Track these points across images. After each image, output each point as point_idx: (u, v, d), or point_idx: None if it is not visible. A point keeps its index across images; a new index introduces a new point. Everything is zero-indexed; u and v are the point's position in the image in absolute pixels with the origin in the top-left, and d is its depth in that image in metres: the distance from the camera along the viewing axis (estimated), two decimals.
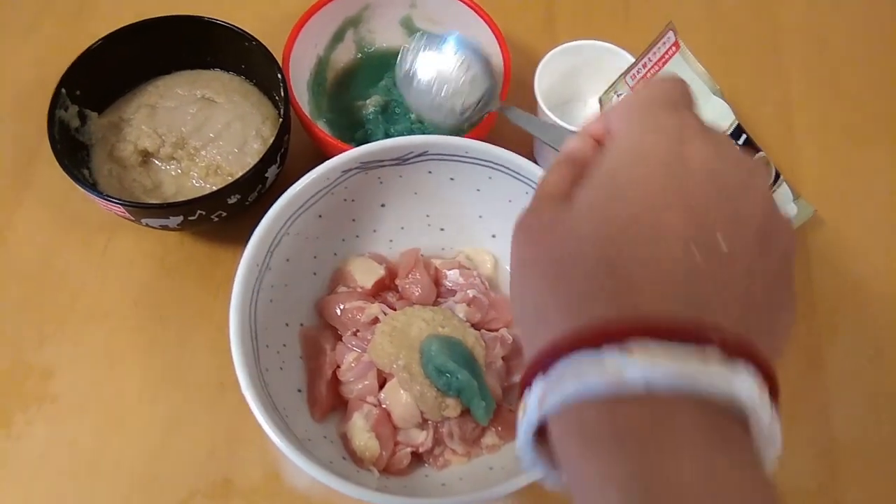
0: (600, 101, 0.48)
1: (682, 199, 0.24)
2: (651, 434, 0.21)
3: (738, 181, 0.25)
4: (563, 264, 0.24)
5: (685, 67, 0.51)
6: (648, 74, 0.51)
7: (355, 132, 0.53)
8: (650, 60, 0.51)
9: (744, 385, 0.21)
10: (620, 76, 0.48)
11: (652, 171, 0.24)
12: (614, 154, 0.25)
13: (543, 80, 0.51)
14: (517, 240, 0.26)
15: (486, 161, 0.45)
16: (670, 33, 0.51)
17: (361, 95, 0.55)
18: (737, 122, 0.51)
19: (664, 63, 0.51)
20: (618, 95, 0.48)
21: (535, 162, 0.45)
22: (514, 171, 0.45)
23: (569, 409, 0.22)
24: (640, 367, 0.21)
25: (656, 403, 0.21)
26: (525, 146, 0.54)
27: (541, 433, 0.23)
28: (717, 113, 0.51)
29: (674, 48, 0.51)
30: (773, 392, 0.22)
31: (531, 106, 0.51)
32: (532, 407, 0.23)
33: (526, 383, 0.23)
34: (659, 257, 0.23)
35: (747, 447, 0.21)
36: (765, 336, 0.23)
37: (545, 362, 0.22)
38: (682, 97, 0.27)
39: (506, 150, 0.44)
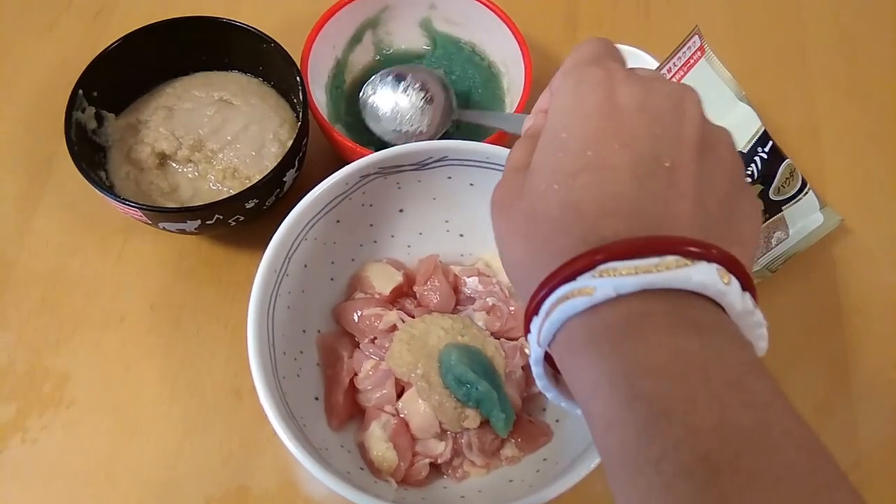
0: None
1: (619, 136, 0.26)
2: (624, 331, 0.23)
3: (668, 109, 0.27)
4: (532, 222, 0.27)
5: (710, 72, 0.50)
6: (674, 79, 0.50)
7: (373, 135, 0.53)
8: (675, 65, 0.50)
9: (701, 275, 0.23)
10: None
11: (588, 119, 0.27)
12: (554, 114, 0.28)
13: None
14: (493, 215, 0.30)
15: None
16: (695, 37, 0.50)
17: None
18: (763, 129, 0.50)
19: (689, 68, 0.50)
20: None
21: None
22: None
23: (560, 333, 0.25)
24: (608, 282, 0.24)
25: (625, 306, 0.24)
26: None
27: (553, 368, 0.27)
28: (742, 119, 0.50)
29: (699, 53, 0.50)
30: (747, 285, 0.24)
31: None
32: (533, 343, 0.27)
33: (526, 330, 0.27)
34: (609, 190, 0.26)
35: (723, 330, 0.24)
36: (728, 245, 0.25)
37: (535, 305, 0.26)
38: (605, 52, 0.30)
39: None
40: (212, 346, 0.48)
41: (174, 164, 0.50)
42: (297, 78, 0.48)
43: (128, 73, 0.50)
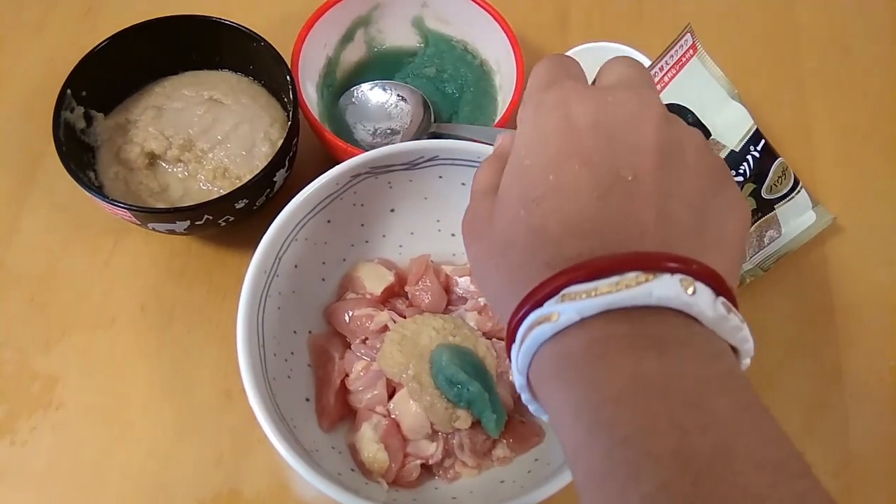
0: None
1: (578, 155, 0.26)
2: (586, 357, 0.23)
3: (626, 119, 0.26)
4: (502, 248, 0.27)
5: (703, 71, 0.50)
6: (666, 78, 0.50)
7: None
8: (667, 63, 0.50)
9: (662, 289, 0.23)
10: None
11: (547, 142, 0.27)
12: (517, 140, 0.28)
13: None
14: (466, 241, 0.31)
15: None
16: (688, 35, 0.50)
17: None
18: (755, 127, 0.49)
19: (681, 66, 0.50)
20: None
21: None
22: None
23: (534, 360, 0.25)
24: (570, 306, 0.23)
25: (589, 329, 0.23)
26: None
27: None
28: (734, 117, 0.50)
29: (691, 51, 0.50)
30: (720, 290, 0.24)
31: None
32: (514, 370, 0.26)
33: (508, 357, 0.27)
34: (571, 211, 0.25)
35: (689, 345, 0.23)
36: (701, 251, 0.24)
37: (511, 332, 0.26)
38: (559, 71, 0.29)
39: None
40: (202, 347, 0.48)
41: (164, 164, 0.50)
42: (288, 77, 0.47)
43: (117, 73, 0.50)
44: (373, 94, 0.53)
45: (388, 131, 0.53)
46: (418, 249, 0.48)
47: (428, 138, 0.48)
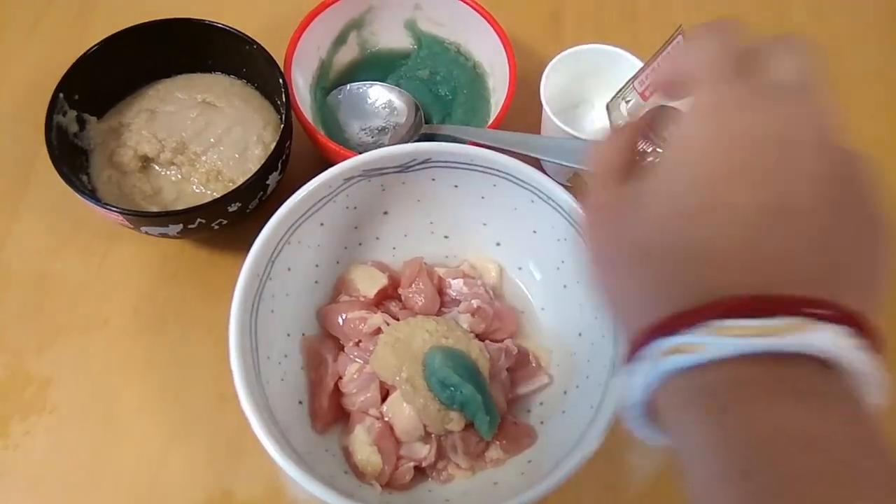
0: (608, 107, 0.47)
1: (748, 173, 0.24)
2: (730, 398, 0.23)
3: (802, 141, 0.25)
4: (644, 254, 0.26)
5: None
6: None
7: None
8: (659, 65, 0.50)
9: (822, 340, 0.22)
10: (629, 82, 0.47)
11: (713, 151, 0.25)
12: (678, 136, 0.26)
13: (549, 85, 0.50)
14: (591, 227, 0.29)
15: (490, 169, 0.44)
16: (680, 37, 0.50)
17: None
18: None
19: None
20: (626, 102, 0.47)
21: (541, 169, 0.44)
22: (518, 179, 0.44)
23: (664, 385, 0.24)
24: (724, 341, 0.22)
25: (734, 367, 0.22)
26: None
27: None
28: None
29: None
30: (873, 340, 0.22)
31: (536, 111, 0.51)
32: (634, 387, 0.25)
33: (627, 367, 0.26)
34: (732, 235, 0.24)
35: (841, 400, 0.22)
36: (859, 289, 0.23)
37: (640, 350, 0.25)
38: (731, 63, 0.27)
39: (510, 158, 0.44)
40: (196, 350, 0.48)
41: (157, 167, 0.50)
42: (280, 80, 0.47)
43: (109, 76, 0.50)
44: (362, 93, 0.53)
45: (378, 130, 0.53)
46: (412, 252, 0.48)
47: (419, 140, 0.48)
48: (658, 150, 0.30)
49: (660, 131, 0.30)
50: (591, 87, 0.53)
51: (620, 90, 0.47)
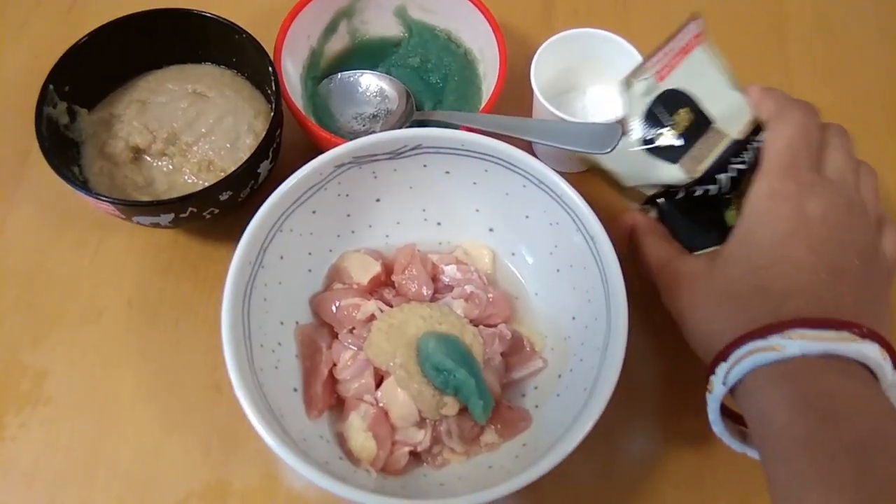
0: (623, 83, 0.46)
1: (806, 240, 0.36)
2: (800, 375, 0.33)
3: (846, 222, 0.36)
4: (726, 299, 0.37)
5: (706, 61, 0.49)
6: (673, 62, 0.49)
7: None
8: (671, 49, 0.49)
9: (869, 350, 0.33)
10: (643, 62, 0.45)
11: (778, 224, 0.36)
12: (750, 216, 0.38)
13: (540, 70, 0.50)
14: (679, 288, 0.40)
15: (481, 154, 0.44)
16: (695, 23, 0.49)
17: None
18: (754, 117, 0.49)
19: (686, 52, 0.49)
20: (642, 80, 0.46)
21: (533, 154, 0.44)
22: (510, 164, 0.44)
23: (748, 377, 0.34)
24: (796, 342, 0.33)
25: (807, 363, 0.33)
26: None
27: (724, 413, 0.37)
28: (734, 107, 0.49)
29: (695, 40, 0.49)
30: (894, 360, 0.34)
31: (528, 98, 0.50)
32: (717, 384, 0.35)
33: (710, 372, 0.36)
34: (794, 279, 0.35)
35: (874, 385, 0.33)
36: (876, 322, 0.35)
37: (725, 353, 0.35)
38: (799, 161, 0.38)
39: (502, 143, 0.43)
40: (190, 341, 0.48)
41: (149, 158, 0.49)
42: (270, 68, 0.47)
43: (100, 68, 0.49)
44: (353, 82, 0.53)
45: (370, 118, 0.52)
46: (405, 239, 0.48)
47: (411, 127, 0.48)
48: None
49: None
50: (582, 73, 0.53)
51: (635, 70, 0.46)
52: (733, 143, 0.49)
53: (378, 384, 0.43)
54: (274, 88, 0.47)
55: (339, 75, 0.53)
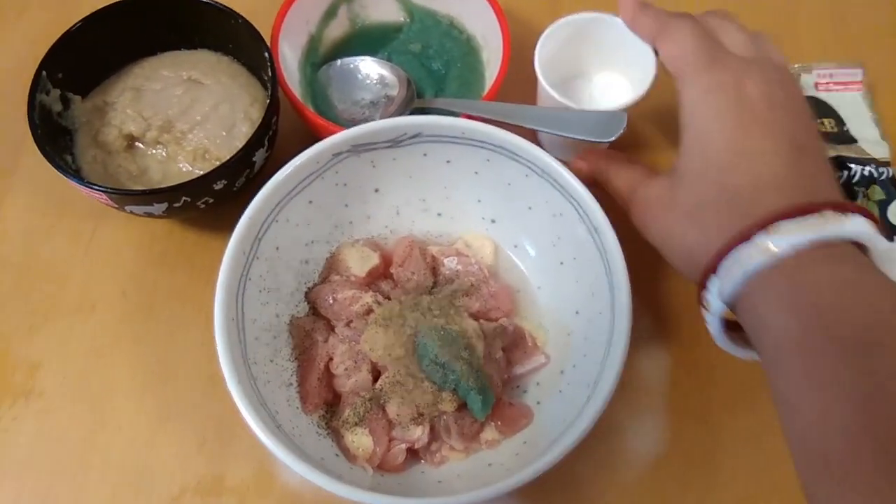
0: None
1: (757, 125, 0.33)
2: (794, 270, 0.31)
3: (787, 94, 0.34)
4: (693, 210, 0.35)
5: (861, 107, 0.51)
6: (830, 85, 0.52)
7: None
8: (831, 76, 0.52)
9: (856, 225, 0.31)
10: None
11: (724, 118, 0.34)
12: (692, 121, 0.36)
13: (544, 56, 0.48)
14: (648, 223, 0.38)
15: (483, 142, 0.43)
16: (858, 70, 0.52)
17: None
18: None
19: (845, 88, 0.52)
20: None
21: (537, 143, 0.43)
22: (512, 153, 0.43)
23: (746, 283, 0.32)
24: (783, 238, 0.31)
25: (797, 259, 0.31)
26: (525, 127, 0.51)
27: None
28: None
29: (855, 86, 0.52)
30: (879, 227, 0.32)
31: (532, 85, 0.49)
32: (713, 299, 0.33)
33: (702, 287, 0.34)
34: (760, 172, 0.33)
35: (868, 264, 0.32)
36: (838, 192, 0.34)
37: (714, 265, 0.33)
38: (710, 45, 0.36)
39: (504, 131, 0.42)
40: (185, 332, 0.47)
41: (143, 147, 0.48)
42: (267, 55, 0.46)
43: (94, 54, 0.48)
44: (353, 68, 0.52)
45: (370, 105, 0.51)
46: (404, 230, 0.47)
47: (411, 115, 0.46)
48: None
49: None
50: (588, 59, 0.52)
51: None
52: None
53: (375, 379, 0.42)
54: (270, 75, 0.46)
55: (339, 62, 0.52)
